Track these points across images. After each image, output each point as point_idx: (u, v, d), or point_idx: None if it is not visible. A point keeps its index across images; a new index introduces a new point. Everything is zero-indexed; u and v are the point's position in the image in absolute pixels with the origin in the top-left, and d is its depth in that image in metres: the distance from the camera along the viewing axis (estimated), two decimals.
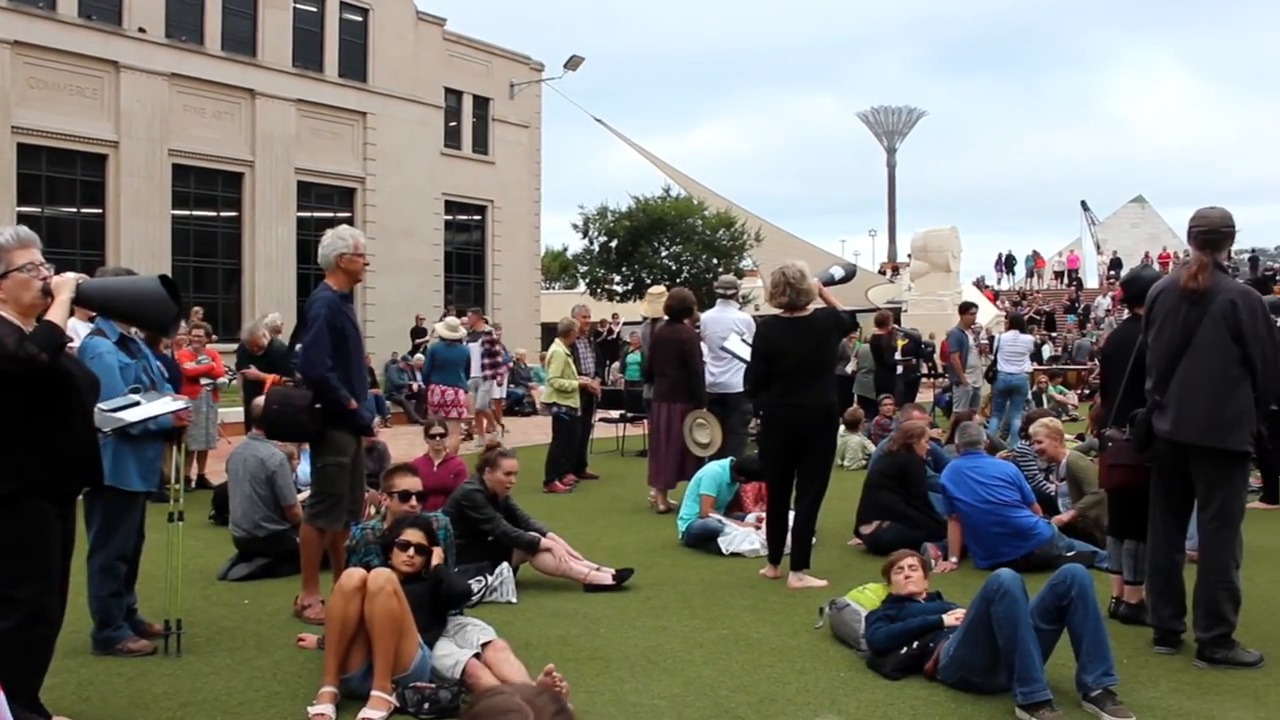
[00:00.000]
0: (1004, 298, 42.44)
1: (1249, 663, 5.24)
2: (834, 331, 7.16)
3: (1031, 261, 50.93)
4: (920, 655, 5.06)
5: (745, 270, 33.79)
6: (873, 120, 72.22)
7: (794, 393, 6.99)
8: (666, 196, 32.59)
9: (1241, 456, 5.36)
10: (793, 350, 7.00)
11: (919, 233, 35.83)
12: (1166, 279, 5.63)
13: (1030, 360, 15.15)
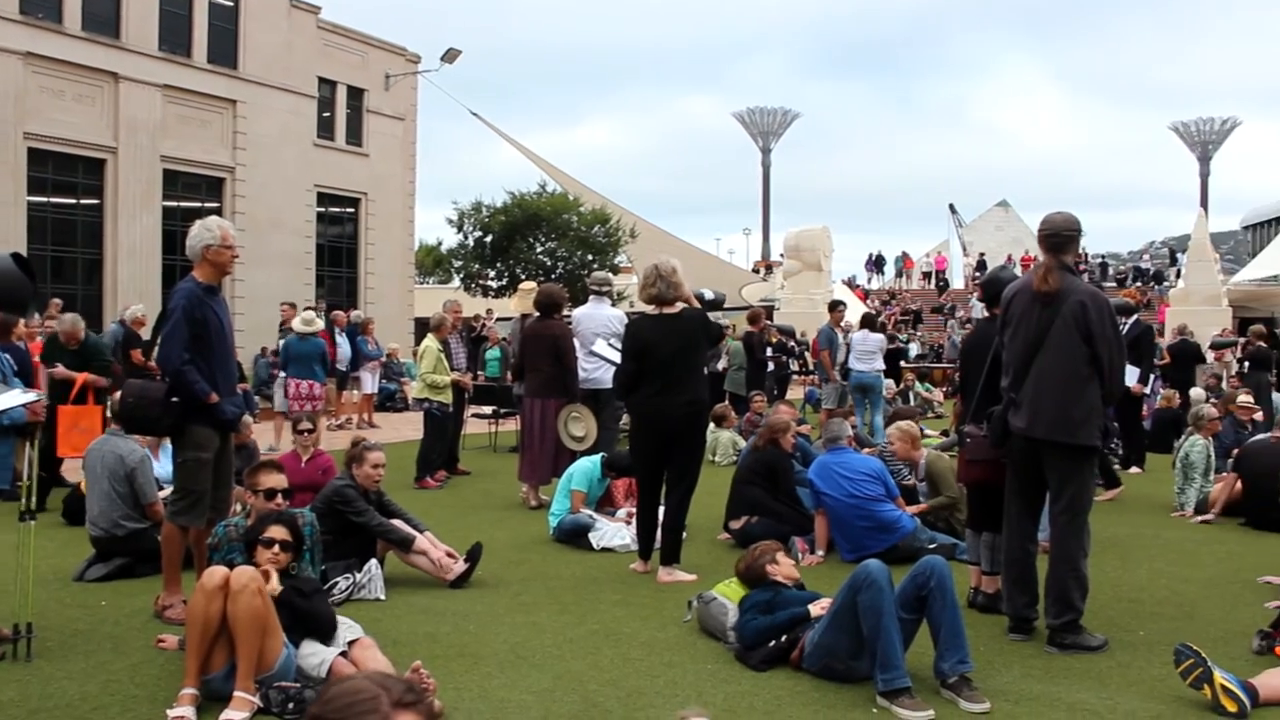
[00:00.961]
0: (874, 297, 43.38)
1: (1094, 647, 5.48)
2: (702, 330, 7.23)
3: (900, 262, 52.19)
4: (788, 647, 5.16)
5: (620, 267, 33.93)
6: (748, 121, 73.11)
7: (664, 390, 7.03)
8: (542, 192, 32.56)
9: (1090, 451, 5.61)
10: (662, 347, 7.04)
11: (792, 232, 36.31)
12: (1020, 281, 5.86)
13: (882, 358, 15.48)
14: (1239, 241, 73.73)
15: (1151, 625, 6.04)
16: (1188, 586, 7.00)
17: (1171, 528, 9.19)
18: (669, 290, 7.13)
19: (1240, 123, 71.62)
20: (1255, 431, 11.15)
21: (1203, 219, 38.58)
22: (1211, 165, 70.21)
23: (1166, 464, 11.05)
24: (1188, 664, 4.69)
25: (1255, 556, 7.79)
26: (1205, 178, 70.29)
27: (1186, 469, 9.91)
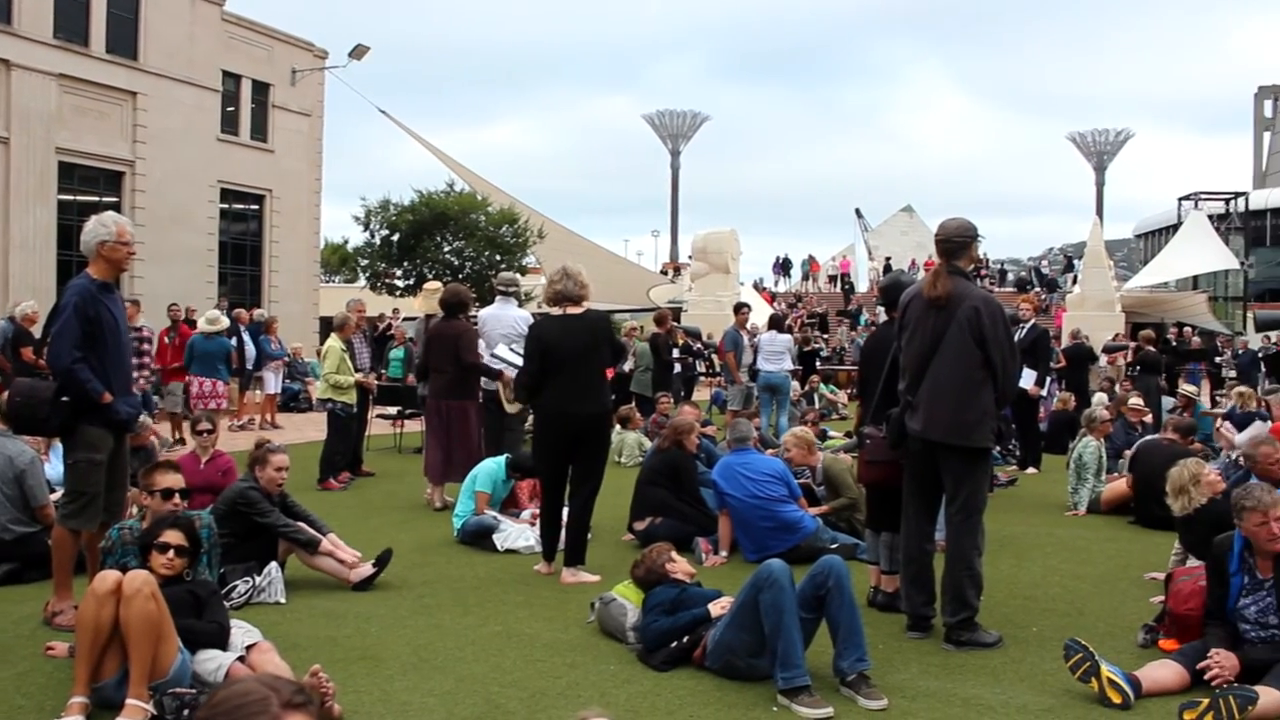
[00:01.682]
0: (780, 300, 43.82)
1: (989, 643, 5.61)
2: (606, 332, 7.23)
3: (807, 265, 52.81)
4: (689, 647, 5.20)
5: (528, 267, 33.82)
6: (658, 123, 73.31)
7: (567, 391, 7.03)
8: (450, 191, 32.28)
9: (983, 453, 5.75)
10: (566, 348, 7.04)
11: (699, 234, 36.51)
12: (917, 285, 5.97)
13: (790, 359, 15.66)
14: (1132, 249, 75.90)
15: (1044, 621, 6.20)
16: (1079, 583, 7.20)
17: (1065, 526, 9.44)
18: (574, 287, 7.14)
19: (1134, 134, 73.79)
20: (1145, 433, 11.50)
21: (1098, 227, 39.67)
22: (1107, 175, 72.17)
23: (1062, 464, 11.33)
24: (1076, 658, 4.83)
25: (1143, 554, 8.03)
26: (1101, 187, 72.22)
27: (1079, 469, 10.18)
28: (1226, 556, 5.20)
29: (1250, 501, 5.06)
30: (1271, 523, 5.00)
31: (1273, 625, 5.03)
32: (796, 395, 17.96)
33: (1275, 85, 78.08)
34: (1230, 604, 5.13)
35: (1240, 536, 5.18)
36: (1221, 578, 5.20)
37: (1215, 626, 5.16)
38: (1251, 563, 5.12)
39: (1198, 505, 6.63)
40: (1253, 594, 5.10)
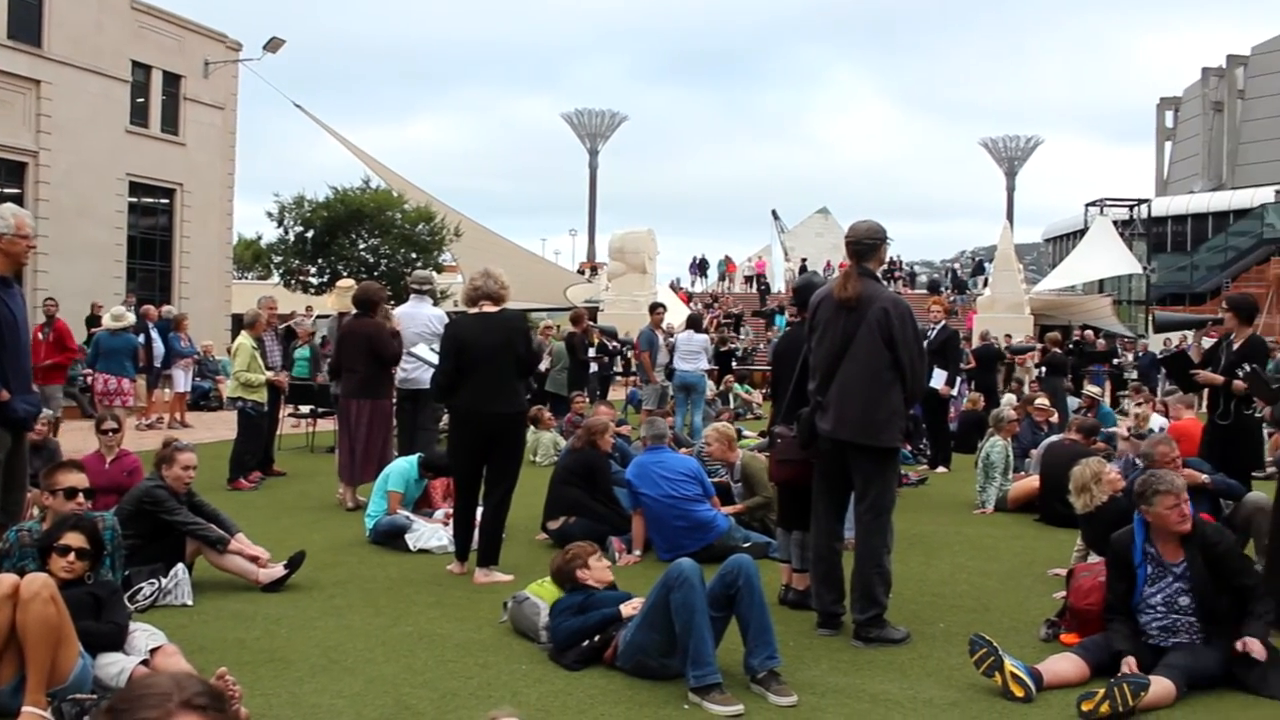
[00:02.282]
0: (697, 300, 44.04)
1: (897, 640, 5.71)
2: (521, 331, 7.22)
3: (723, 266, 53.18)
4: (601, 646, 5.21)
5: (444, 265, 33.58)
6: (576, 122, 73.33)
7: (481, 389, 6.99)
8: (366, 188, 31.92)
9: (892, 452, 5.85)
10: (478, 346, 7.01)
11: (616, 234, 36.62)
12: (827, 287, 6.05)
13: (706, 359, 15.77)
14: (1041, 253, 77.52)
15: (951, 617, 6.31)
16: (986, 580, 7.35)
17: (973, 524, 9.62)
18: (495, 288, 7.12)
19: (1043, 141, 75.49)
20: (1051, 433, 11.75)
21: (1008, 231, 40.50)
22: (1017, 180, 73.71)
23: (971, 463, 11.54)
24: (981, 653, 4.93)
25: (1048, 550, 8.22)
26: (1011, 192, 73.78)
27: (987, 468, 10.38)
28: (1129, 550, 5.33)
29: (1164, 485, 5.21)
30: (1183, 504, 5.19)
31: (1180, 609, 5.17)
32: (712, 395, 18.07)
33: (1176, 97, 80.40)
34: (1135, 597, 5.26)
35: (1140, 528, 5.32)
36: (1124, 572, 5.32)
37: (1118, 622, 5.28)
38: (1154, 552, 5.26)
39: (1099, 503, 6.81)
40: (1158, 582, 5.23)
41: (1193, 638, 5.16)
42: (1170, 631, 5.19)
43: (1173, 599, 5.20)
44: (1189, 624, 5.18)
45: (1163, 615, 5.21)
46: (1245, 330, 8.00)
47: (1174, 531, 5.22)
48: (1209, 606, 5.14)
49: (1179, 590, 5.19)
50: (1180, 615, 5.18)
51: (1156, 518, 5.24)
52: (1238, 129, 73.28)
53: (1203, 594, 5.14)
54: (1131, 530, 5.40)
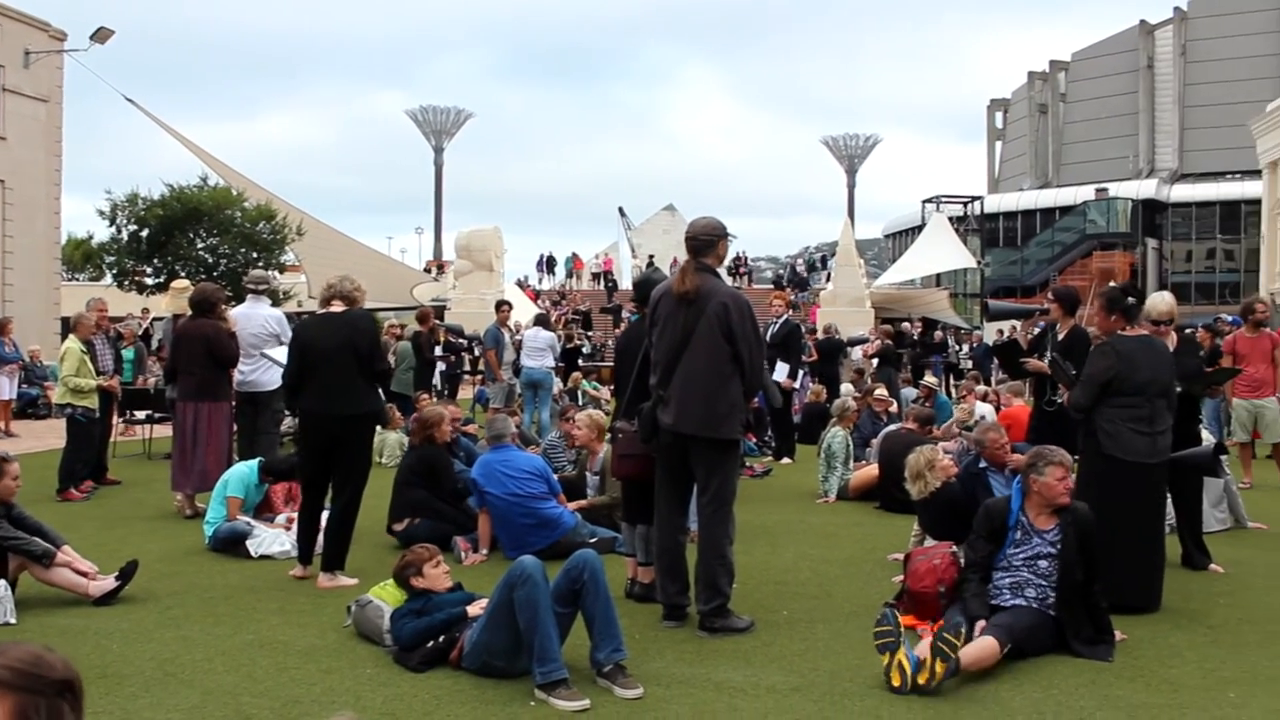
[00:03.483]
0: (544, 297, 44.00)
1: (741, 629, 5.81)
2: (364, 331, 7.09)
3: (571, 263, 53.27)
4: (446, 647, 5.17)
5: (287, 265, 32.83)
6: (421, 119, 72.45)
7: (325, 390, 6.89)
8: (204, 185, 30.99)
9: (733, 445, 5.95)
10: (322, 347, 6.91)
11: (463, 232, 36.29)
12: (667, 282, 6.12)
13: (552, 356, 15.78)
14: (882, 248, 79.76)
15: (794, 605, 6.45)
16: (828, 567, 7.53)
17: (816, 513, 9.85)
18: (348, 288, 7.06)
19: (882, 140, 77.57)
20: (890, 422, 12.10)
21: (848, 227, 41.55)
22: (857, 178, 75.61)
23: (814, 454, 11.79)
24: (885, 628, 4.99)
25: (887, 536, 8.46)
26: (852, 189, 75.64)
27: (829, 458, 10.64)
28: (1002, 514, 5.71)
29: (1055, 457, 5.63)
30: (1069, 477, 5.63)
31: (1038, 571, 5.54)
32: (559, 391, 18.06)
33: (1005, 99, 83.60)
34: (998, 557, 5.63)
35: (1018, 496, 5.72)
36: (992, 535, 5.67)
37: (974, 582, 5.63)
38: (1026, 520, 5.64)
39: (933, 489, 7.07)
40: (1022, 545, 5.60)
41: (1039, 599, 5.49)
42: (1018, 589, 5.53)
43: (1033, 560, 5.56)
44: (1039, 585, 5.51)
45: (1016, 572, 5.56)
46: (1069, 321, 8.36)
47: (1055, 502, 5.59)
48: (1068, 576, 5.47)
49: (1042, 554, 5.55)
50: (1035, 576, 5.52)
51: (1044, 487, 5.59)
52: (1061, 130, 76.62)
53: (1067, 563, 5.48)
54: (1008, 497, 5.81)
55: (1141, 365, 6.36)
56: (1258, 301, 12.54)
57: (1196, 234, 63.32)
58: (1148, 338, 6.66)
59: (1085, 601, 5.52)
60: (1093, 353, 6.65)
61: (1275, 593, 6.84)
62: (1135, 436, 6.33)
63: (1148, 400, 6.37)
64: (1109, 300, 6.66)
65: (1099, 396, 6.36)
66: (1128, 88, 72.67)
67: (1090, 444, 6.43)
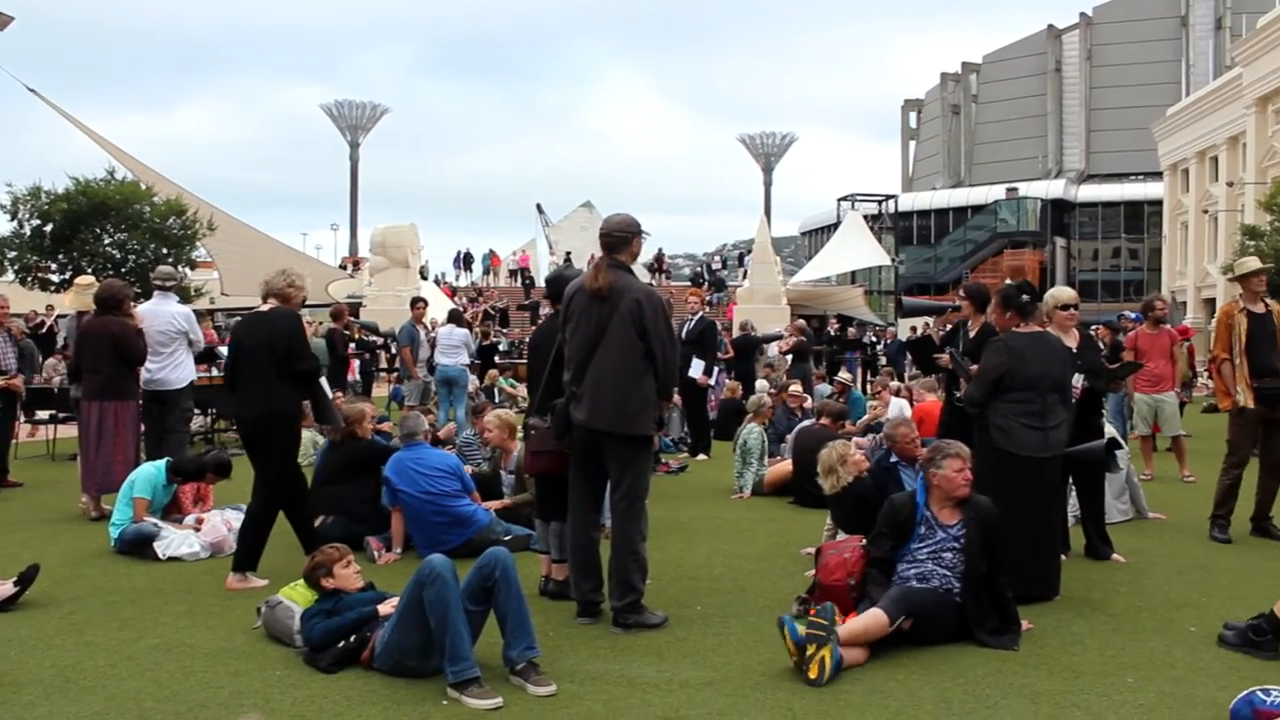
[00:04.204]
0: (461, 294, 43.74)
1: (655, 624, 5.83)
2: (282, 332, 6.94)
3: (488, 260, 53.03)
4: (357, 647, 5.13)
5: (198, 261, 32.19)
6: (336, 114, 71.62)
7: (245, 388, 6.88)
8: (111, 179, 30.24)
9: (646, 440, 5.97)
10: (246, 346, 6.89)
11: (378, 228, 36.04)
12: (580, 278, 6.12)
13: (468, 353, 15.71)
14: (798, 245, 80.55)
15: (708, 600, 6.48)
16: (742, 562, 7.58)
17: (731, 509, 9.91)
18: (280, 284, 6.99)
19: (798, 138, 78.25)
20: (804, 418, 12.22)
21: (764, 225, 41.86)
22: (774, 175, 76.19)
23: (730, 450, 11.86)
24: (819, 623, 5.03)
25: (800, 530, 8.53)
26: (769, 187, 76.19)
27: (744, 454, 10.71)
28: (907, 507, 5.81)
29: (953, 450, 5.75)
30: (967, 469, 5.72)
31: (942, 563, 5.65)
32: (474, 389, 17.98)
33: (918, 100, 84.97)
34: (902, 551, 5.73)
35: (923, 492, 5.81)
36: (901, 529, 5.76)
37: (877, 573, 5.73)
38: (930, 515, 5.74)
39: (845, 483, 7.16)
40: (927, 540, 5.70)
41: (944, 590, 5.61)
42: (924, 580, 5.63)
43: (938, 554, 5.67)
44: (944, 576, 5.62)
45: (922, 565, 5.67)
46: (980, 318, 8.50)
47: (955, 494, 5.70)
48: (972, 569, 5.60)
49: (946, 547, 5.67)
50: (940, 568, 5.64)
51: (944, 480, 5.70)
52: (973, 131, 78.09)
53: (970, 556, 5.61)
54: (913, 493, 5.92)
55: (1034, 361, 6.52)
56: (1157, 299, 12.88)
57: (1102, 233, 64.90)
58: (1041, 334, 6.80)
59: (990, 593, 5.66)
60: (986, 350, 6.79)
61: (1172, 581, 7.04)
62: (1027, 431, 6.47)
63: (1039, 395, 6.51)
64: (1004, 298, 6.81)
65: (992, 392, 6.50)
66: (1037, 90, 74.33)
67: (984, 439, 6.56)
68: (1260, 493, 8.49)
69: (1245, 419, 8.34)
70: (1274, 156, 39.02)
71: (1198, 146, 48.00)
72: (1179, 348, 12.96)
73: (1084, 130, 71.60)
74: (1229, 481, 8.42)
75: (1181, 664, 5.29)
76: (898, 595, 5.46)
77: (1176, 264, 51.52)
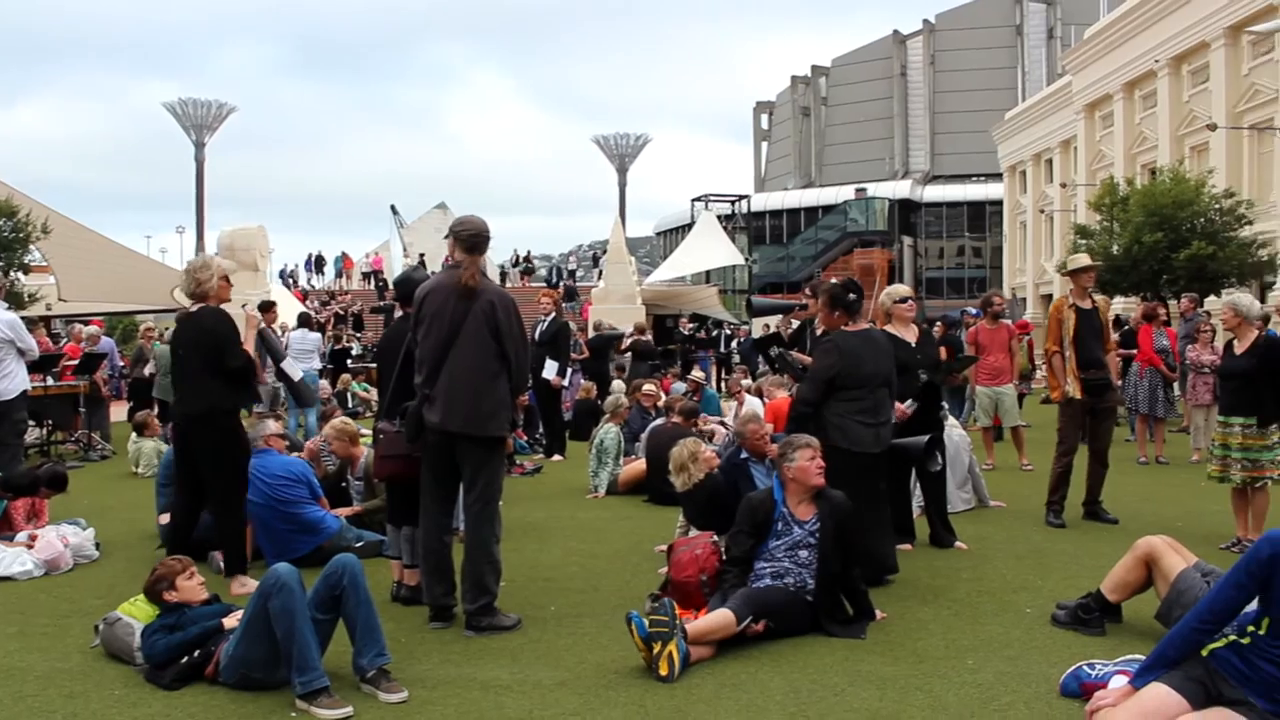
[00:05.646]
0: (313, 297, 42.85)
1: (508, 626, 5.82)
2: (207, 331, 6.75)
3: (340, 262, 52.05)
4: (201, 662, 4.99)
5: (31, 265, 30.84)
6: (180, 113, 69.31)
7: (181, 391, 6.90)
8: None
9: (499, 442, 5.94)
10: (181, 346, 6.86)
11: (225, 231, 34.95)
12: (435, 280, 6.06)
13: (319, 357, 15.43)
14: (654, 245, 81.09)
15: (562, 600, 6.49)
16: (596, 562, 7.61)
17: (586, 509, 9.94)
18: (194, 286, 6.84)
19: (652, 139, 78.72)
20: (658, 416, 12.31)
21: (619, 225, 42.00)
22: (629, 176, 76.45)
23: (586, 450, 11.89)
24: (662, 619, 5.07)
25: (654, 528, 8.61)
26: (623, 188, 76.35)
27: (600, 454, 10.76)
28: (764, 505, 5.89)
29: (803, 442, 5.89)
30: (819, 459, 5.83)
31: (798, 560, 5.75)
32: (326, 394, 17.64)
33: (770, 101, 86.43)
34: (761, 548, 5.81)
35: (779, 489, 5.90)
36: (760, 528, 5.83)
37: (732, 573, 5.81)
38: (787, 511, 5.84)
39: (696, 480, 7.24)
40: (784, 536, 5.80)
41: (798, 586, 5.72)
42: (778, 577, 5.73)
43: (794, 550, 5.77)
44: (799, 573, 5.73)
45: (778, 562, 5.76)
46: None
47: (811, 484, 5.81)
48: (827, 562, 5.72)
49: (802, 543, 5.77)
50: (795, 565, 5.74)
51: (799, 471, 5.81)
52: (823, 132, 79.71)
53: (825, 551, 5.72)
54: (770, 490, 5.99)
55: (865, 359, 6.69)
56: (995, 295, 13.35)
57: (947, 232, 66.89)
58: (869, 332, 6.96)
59: (844, 586, 5.81)
60: (818, 350, 6.94)
61: (1011, 565, 7.32)
62: (861, 428, 6.66)
63: (871, 392, 6.71)
64: (831, 297, 6.93)
65: (825, 392, 6.66)
66: (883, 93, 76.26)
67: (819, 438, 6.71)
68: (1090, 479, 8.90)
69: (1073, 409, 8.74)
70: (1102, 159, 40.79)
71: (1033, 149, 49.92)
72: (1018, 342, 13.45)
73: (929, 133, 73.69)
74: (1060, 469, 8.80)
75: (1018, 644, 5.53)
76: (748, 596, 5.55)
77: (1016, 261, 53.44)
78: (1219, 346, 10.78)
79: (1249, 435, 7.71)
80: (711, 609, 5.56)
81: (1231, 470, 7.78)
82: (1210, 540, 7.89)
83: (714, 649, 5.29)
